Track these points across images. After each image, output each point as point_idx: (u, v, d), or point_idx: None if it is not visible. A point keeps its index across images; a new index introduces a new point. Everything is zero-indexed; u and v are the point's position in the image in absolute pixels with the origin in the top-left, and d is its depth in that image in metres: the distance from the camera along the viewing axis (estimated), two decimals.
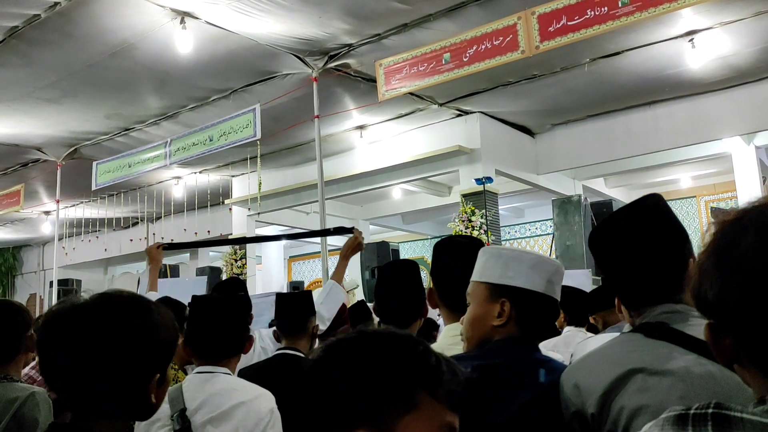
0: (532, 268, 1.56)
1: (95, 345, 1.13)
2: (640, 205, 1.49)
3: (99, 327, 1.14)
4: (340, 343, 0.96)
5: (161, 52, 6.54)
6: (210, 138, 7.65)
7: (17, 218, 12.97)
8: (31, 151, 9.42)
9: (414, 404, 0.89)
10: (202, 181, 11.04)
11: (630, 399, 1.27)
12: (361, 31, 6.54)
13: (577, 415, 1.36)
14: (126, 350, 1.14)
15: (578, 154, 9.43)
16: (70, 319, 1.15)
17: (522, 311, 1.55)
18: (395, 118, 8.90)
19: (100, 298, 1.19)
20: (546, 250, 12.02)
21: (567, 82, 7.85)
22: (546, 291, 1.56)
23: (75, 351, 1.13)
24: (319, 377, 0.93)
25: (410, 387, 0.90)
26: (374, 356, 0.92)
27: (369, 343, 0.94)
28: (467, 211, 8.33)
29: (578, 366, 1.44)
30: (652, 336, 1.35)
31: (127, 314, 1.17)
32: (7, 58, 6.52)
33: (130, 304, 1.19)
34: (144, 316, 1.18)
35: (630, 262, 1.43)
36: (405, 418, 0.88)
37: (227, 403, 1.88)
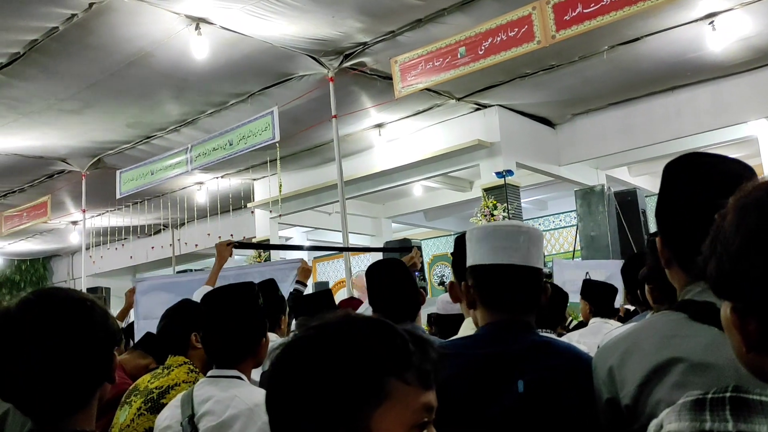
0: (479, 242, 1.49)
1: (37, 347, 1.10)
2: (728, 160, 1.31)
3: (36, 330, 1.11)
4: (295, 345, 0.90)
5: (178, 59, 6.59)
6: (230, 142, 7.69)
7: (45, 229, 13.20)
8: (55, 162, 9.58)
9: (385, 394, 0.85)
10: (224, 185, 11.13)
11: (667, 393, 1.16)
12: (375, 29, 6.53)
13: (610, 404, 1.27)
14: (68, 349, 1.12)
15: (600, 144, 9.31)
16: (7, 324, 1.11)
17: (481, 289, 1.48)
18: (413, 115, 8.87)
19: (36, 300, 1.15)
20: (570, 242, 11.89)
21: (586, 71, 7.75)
22: (495, 260, 1.45)
23: (17, 356, 1.10)
24: (281, 385, 0.89)
25: (377, 377, 0.85)
26: (334, 351, 0.86)
27: (326, 339, 0.88)
28: (489, 206, 8.27)
29: (613, 349, 1.31)
30: (696, 318, 1.20)
31: (66, 313, 1.15)
32: (29, 71, 6.63)
33: (69, 301, 1.17)
34: (84, 313, 1.16)
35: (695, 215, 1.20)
36: (378, 410, 0.84)
37: (227, 411, 1.80)
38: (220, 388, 1.86)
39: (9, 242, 13.96)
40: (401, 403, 0.86)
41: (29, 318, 1.12)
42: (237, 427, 1.76)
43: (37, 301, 1.14)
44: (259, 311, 2.00)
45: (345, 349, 0.86)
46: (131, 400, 2.29)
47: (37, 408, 1.14)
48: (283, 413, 0.88)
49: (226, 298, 2.01)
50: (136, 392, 2.31)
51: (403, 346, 0.88)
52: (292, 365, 0.88)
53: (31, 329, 1.11)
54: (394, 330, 0.90)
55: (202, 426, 1.82)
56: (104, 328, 1.18)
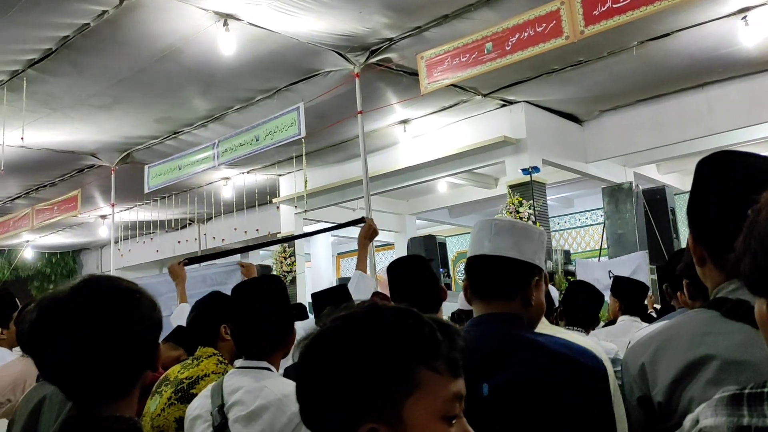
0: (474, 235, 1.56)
1: (85, 333, 1.12)
2: None
3: (86, 317, 1.13)
4: (324, 335, 0.89)
5: (206, 55, 6.65)
6: (256, 138, 7.75)
7: (75, 223, 13.43)
8: (86, 157, 9.74)
9: (415, 384, 0.85)
10: (250, 180, 11.21)
11: (701, 390, 1.15)
12: (401, 25, 6.52)
13: (642, 402, 1.26)
14: (115, 335, 1.14)
15: (628, 141, 9.19)
16: (58, 310, 1.13)
17: (470, 278, 1.54)
18: (439, 111, 8.85)
19: (85, 287, 1.17)
20: (597, 240, 11.77)
21: (615, 67, 7.66)
22: (478, 251, 1.52)
23: (66, 341, 1.11)
24: (311, 376, 0.89)
25: (406, 366, 0.85)
26: (362, 342, 0.86)
27: (354, 329, 0.88)
28: (515, 203, 8.22)
29: (645, 346, 1.30)
30: (729, 316, 1.19)
31: (115, 301, 1.16)
32: (61, 67, 6.74)
33: (117, 290, 1.18)
34: (131, 302, 1.18)
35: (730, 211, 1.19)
36: (409, 400, 0.84)
37: (255, 402, 1.81)
38: (250, 379, 1.88)
39: (40, 235, 14.23)
40: (432, 392, 0.86)
41: (78, 304, 1.13)
42: (266, 417, 1.77)
43: (86, 289, 1.16)
44: (288, 303, 2.02)
45: (373, 339, 0.86)
46: (162, 389, 2.33)
47: (81, 393, 1.15)
48: (313, 403, 0.89)
49: (256, 290, 2.03)
50: (167, 382, 2.34)
51: (431, 335, 0.88)
52: (321, 356, 0.88)
53: (79, 315, 1.12)
54: (421, 319, 0.90)
55: (232, 415, 1.84)
56: (150, 318, 1.20)
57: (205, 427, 1.88)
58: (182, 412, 2.22)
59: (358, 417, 0.84)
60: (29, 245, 15.23)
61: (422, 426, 0.85)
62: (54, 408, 1.93)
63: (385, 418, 0.84)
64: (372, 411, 0.84)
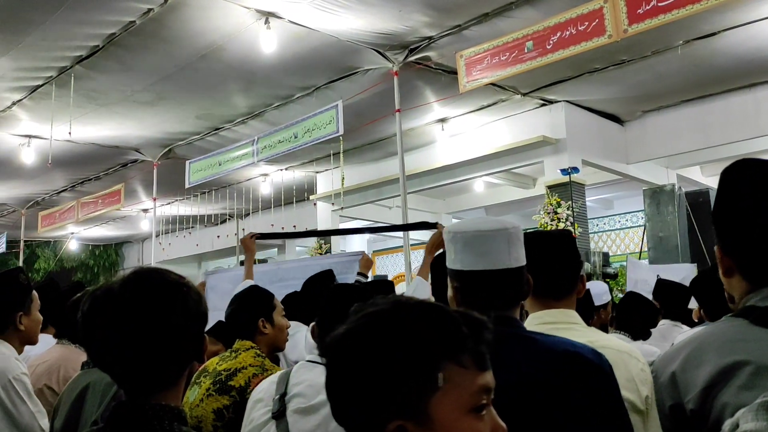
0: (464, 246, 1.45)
1: (135, 324, 1.15)
2: None
3: (137, 308, 1.16)
4: (350, 332, 0.89)
5: (247, 53, 6.74)
6: (295, 135, 7.82)
7: (118, 216, 13.75)
8: (130, 152, 9.96)
9: (443, 380, 0.85)
10: (288, 177, 11.32)
11: (734, 396, 1.14)
12: (441, 23, 6.50)
13: (674, 410, 1.24)
14: (165, 328, 1.16)
15: (672, 142, 9.00)
16: (109, 301, 1.17)
17: (465, 295, 1.46)
18: (477, 110, 8.80)
19: (137, 279, 1.20)
20: (637, 243, 11.55)
21: (658, 67, 7.51)
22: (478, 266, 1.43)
23: (117, 332, 1.15)
24: (339, 373, 0.88)
25: (432, 361, 0.85)
26: (387, 338, 0.86)
27: (379, 325, 0.87)
28: (552, 203, 8.13)
29: (675, 354, 1.30)
30: (759, 323, 1.19)
31: (165, 294, 1.19)
32: (107, 64, 6.90)
33: (167, 283, 1.21)
34: (181, 295, 1.20)
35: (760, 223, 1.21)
36: (435, 396, 0.84)
37: (317, 397, 1.85)
38: (316, 374, 1.91)
39: (84, 228, 14.61)
40: (458, 386, 0.85)
41: (130, 296, 1.16)
42: (323, 412, 1.80)
43: (137, 281, 1.19)
44: None
45: (397, 335, 0.86)
46: (200, 380, 2.38)
47: (131, 381, 1.19)
48: (341, 401, 0.89)
49: (345, 294, 2.05)
50: (205, 373, 2.39)
51: (456, 329, 0.87)
52: (347, 353, 0.88)
53: (131, 306, 1.16)
54: (446, 313, 0.89)
55: (291, 406, 1.88)
56: (197, 310, 1.22)
57: (264, 411, 1.93)
58: (220, 403, 2.27)
59: (384, 414, 0.84)
60: (74, 237, 15.66)
61: (450, 421, 0.84)
62: (97, 395, 1.98)
63: (412, 415, 0.83)
64: (399, 408, 0.84)
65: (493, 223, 1.45)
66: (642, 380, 1.61)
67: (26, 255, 14.45)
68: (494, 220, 1.47)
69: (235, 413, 2.22)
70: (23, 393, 2.28)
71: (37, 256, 16.32)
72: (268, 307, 2.57)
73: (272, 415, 1.89)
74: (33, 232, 13.24)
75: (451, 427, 0.84)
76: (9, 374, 2.28)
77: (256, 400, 2.00)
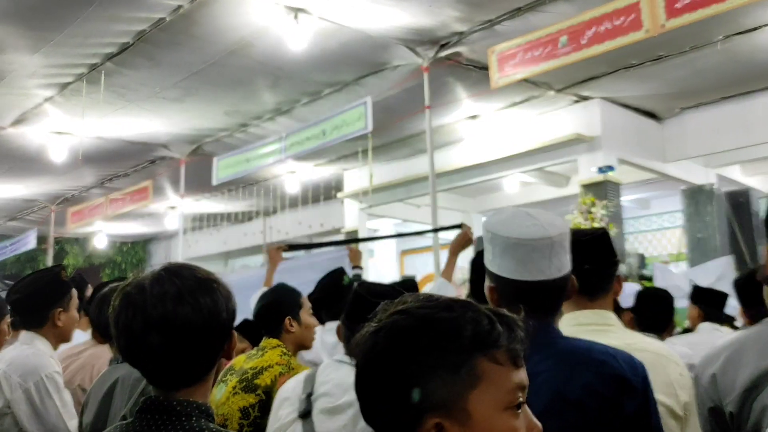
0: (503, 252, 1.38)
1: (165, 320, 1.17)
2: None
3: (167, 305, 1.17)
4: (380, 333, 0.88)
5: (276, 49, 6.71)
6: (323, 132, 7.76)
7: (146, 213, 13.88)
8: (158, 148, 10.03)
9: (478, 376, 0.84)
10: (316, 174, 11.32)
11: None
12: (472, 18, 6.40)
13: (714, 412, 1.24)
14: (194, 325, 1.18)
15: (711, 140, 8.78)
16: (139, 299, 1.18)
17: (502, 297, 1.41)
18: (509, 107, 8.67)
19: (167, 276, 1.21)
20: (674, 244, 11.30)
21: (697, 62, 7.33)
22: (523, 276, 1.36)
23: (147, 327, 1.17)
24: (374, 371, 0.88)
25: (469, 360, 0.84)
26: (422, 337, 0.85)
27: (413, 324, 0.86)
28: (587, 203, 7.97)
29: (715, 357, 1.29)
30: None
31: (195, 290, 1.20)
32: (136, 60, 6.93)
33: (197, 280, 1.22)
34: (210, 292, 1.22)
35: None
36: (473, 393, 0.84)
37: (343, 397, 1.84)
38: (343, 374, 1.90)
39: (113, 224, 14.80)
40: (495, 383, 0.85)
41: (160, 292, 1.18)
42: (350, 412, 1.79)
43: (168, 277, 1.21)
44: None
45: (433, 331, 0.85)
46: (227, 378, 2.38)
47: (161, 377, 1.21)
48: (374, 400, 0.88)
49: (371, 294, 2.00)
50: (232, 371, 2.40)
51: (491, 327, 0.87)
52: (382, 351, 0.87)
53: (161, 303, 1.17)
54: (479, 310, 0.89)
55: (318, 405, 1.87)
56: (226, 307, 1.24)
57: (291, 410, 1.92)
58: (246, 401, 2.27)
59: (421, 412, 0.83)
60: (102, 234, 15.86)
61: (487, 417, 0.85)
62: (126, 390, 2.00)
63: (450, 412, 0.84)
64: (436, 405, 0.83)
65: (535, 230, 1.36)
66: (681, 385, 1.56)
67: (55, 251, 14.68)
68: (537, 224, 1.38)
69: (260, 412, 2.23)
70: (53, 391, 2.33)
71: (66, 252, 16.59)
72: (296, 305, 2.57)
73: (299, 414, 1.88)
74: (62, 229, 13.44)
75: (489, 423, 0.85)
76: (42, 372, 2.33)
77: (283, 399, 2.00)
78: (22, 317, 2.48)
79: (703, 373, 1.30)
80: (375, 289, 2.01)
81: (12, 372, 2.31)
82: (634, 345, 1.63)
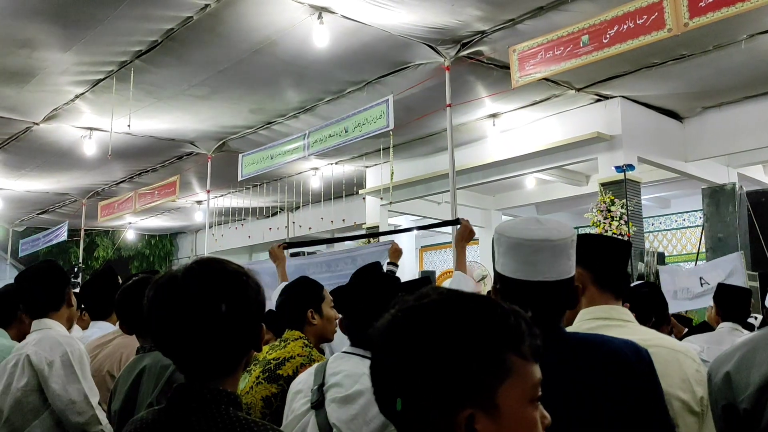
0: (505, 252, 1.42)
1: (198, 311, 1.19)
2: None
3: (199, 296, 1.20)
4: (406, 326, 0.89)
5: (300, 48, 6.81)
6: (345, 129, 7.86)
7: (173, 207, 14.11)
8: (185, 144, 10.20)
9: (507, 370, 0.86)
10: (338, 171, 11.40)
11: None
12: (494, 17, 6.43)
13: (727, 410, 1.24)
14: (225, 316, 1.20)
15: (733, 139, 8.69)
16: (172, 290, 1.22)
17: (503, 296, 1.44)
18: (529, 105, 8.68)
19: (199, 268, 1.24)
20: (694, 243, 11.20)
21: (720, 62, 7.26)
22: (525, 276, 1.40)
23: (180, 318, 1.20)
24: (398, 366, 0.88)
25: (500, 353, 0.87)
26: (458, 328, 0.86)
27: (446, 316, 0.88)
28: (606, 201, 7.95)
29: (729, 355, 1.30)
30: None
31: (226, 283, 1.23)
32: (164, 58, 7.07)
33: (228, 273, 1.25)
34: (241, 284, 1.24)
35: None
36: (503, 386, 0.86)
37: (353, 387, 1.88)
38: (352, 365, 1.95)
39: (141, 218, 15.05)
40: (523, 378, 0.88)
41: (193, 284, 1.21)
42: (361, 401, 1.84)
43: (200, 269, 1.24)
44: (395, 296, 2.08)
45: (465, 324, 0.87)
46: (250, 369, 2.42)
47: (192, 367, 1.23)
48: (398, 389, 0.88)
49: (371, 281, 2.08)
50: (255, 362, 2.44)
51: (517, 322, 0.90)
52: (411, 343, 0.87)
53: (193, 294, 1.20)
54: (503, 306, 0.91)
55: (329, 395, 1.92)
56: (256, 299, 1.26)
57: (304, 401, 1.97)
58: (269, 391, 2.31)
59: (455, 404, 0.85)
60: (131, 227, 16.15)
61: (515, 410, 0.87)
62: (152, 378, 2.05)
63: (480, 405, 0.85)
64: (467, 398, 0.85)
65: (539, 232, 1.40)
66: (697, 380, 1.56)
67: (86, 243, 14.97)
68: (543, 228, 1.42)
69: (282, 401, 2.26)
70: (77, 365, 2.44)
71: (96, 244, 16.90)
72: (317, 298, 2.60)
73: (311, 405, 1.93)
74: (93, 222, 13.71)
75: (516, 416, 0.86)
76: (68, 347, 2.46)
77: (296, 391, 2.05)
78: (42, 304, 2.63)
79: (717, 372, 1.29)
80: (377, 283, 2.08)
81: (39, 347, 2.45)
82: (650, 341, 1.64)
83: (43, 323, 2.59)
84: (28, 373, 2.42)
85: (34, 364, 2.40)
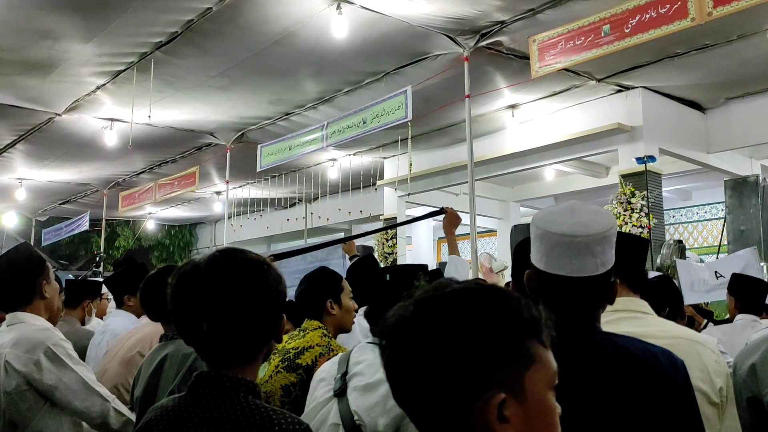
0: (535, 242, 1.39)
1: (220, 300, 1.21)
2: None
3: (222, 285, 1.22)
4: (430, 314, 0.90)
5: (319, 38, 6.81)
6: (363, 120, 7.86)
7: (193, 198, 14.23)
8: (204, 135, 10.26)
9: (533, 357, 0.89)
10: (356, 162, 11.42)
11: None
12: (514, 7, 6.37)
13: (751, 402, 1.23)
14: (247, 305, 1.22)
15: (757, 131, 8.55)
16: (195, 279, 1.23)
17: (538, 290, 1.41)
18: (549, 96, 8.61)
19: (222, 257, 1.26)
20: (716, 236, 11.07)
21: (745, 52, 7.14)
22: (545, 268, 1.37)
23: (203, 307, 1.22)
24: (433, 349, 0.88)
25: (526, 341, 0.89)
26: (485, 314, 0.88)
27: (473, 303, 0.89)
28: (626, 193, 7.88)
29: (755, 347, 1.29)
30: None
31: (248, 272, 1.24)
32: (184, 49, 7.11)
33: (250, 262, 1.26)
34: (262, 274, 1.26)
35: None
36: (528, 372, 0.88)
37: (375, 375, 1.90)
38: (374, 355, 1.95)
39: (161, 208, 15.20)
40: (545, 365, 0.90)
41: (215, 273, 1.23)
42: (381, 390, 1.86)
43: (222, 259, 1.26)
44: None
45: (490, 312, 0.88)
46: (270, 358, 2.45)
47: (214, 355, 1.26)
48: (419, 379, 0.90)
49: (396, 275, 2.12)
50: (275, 351, 2.46)
51: (536, 311, 0.92)
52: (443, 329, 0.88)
53: (216, 283, 1.22)
54: (520, 297, 0.93)
55: (352, 384, 1.95)
56: (277, 290, 1.28)
57: (327, 389, 2.01)
58: (288, 380, 2.34)
59: (485, 390, 0.85)
60: (151, 217, 16.32)
61: (540, 396, 0.89)
62: (174, 366, 2.09)
63: (511, 390, 0.87)
64: (499, 383, 0.86)
65: (584, 227, 1.35)
66: (716, 371, 1.56)
67: (107, 233, 15.15)
68: (569, 222, 1.36)
69: (301, 390, 2.29)
70: (64, 356, 2.30)
71: (117, 234, 17.11)
72: (337, 288, 2.63)
73: (334, 393, 1.96)
74: (114, 212, 13.87)
75: (540, 401, 0.89)
76: (48, 342, 2.30)
77: (319, 379, 2.09)
78: (11, 298, 2.41)
79: (743, 364, 1.29)
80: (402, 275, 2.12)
81: (18, 350, 2.26)
82: (668, 332, 1.66)
83: (16, 317, 2.39)
84: (15, 377, 2.24)
85: (19, 369, 2.24)
